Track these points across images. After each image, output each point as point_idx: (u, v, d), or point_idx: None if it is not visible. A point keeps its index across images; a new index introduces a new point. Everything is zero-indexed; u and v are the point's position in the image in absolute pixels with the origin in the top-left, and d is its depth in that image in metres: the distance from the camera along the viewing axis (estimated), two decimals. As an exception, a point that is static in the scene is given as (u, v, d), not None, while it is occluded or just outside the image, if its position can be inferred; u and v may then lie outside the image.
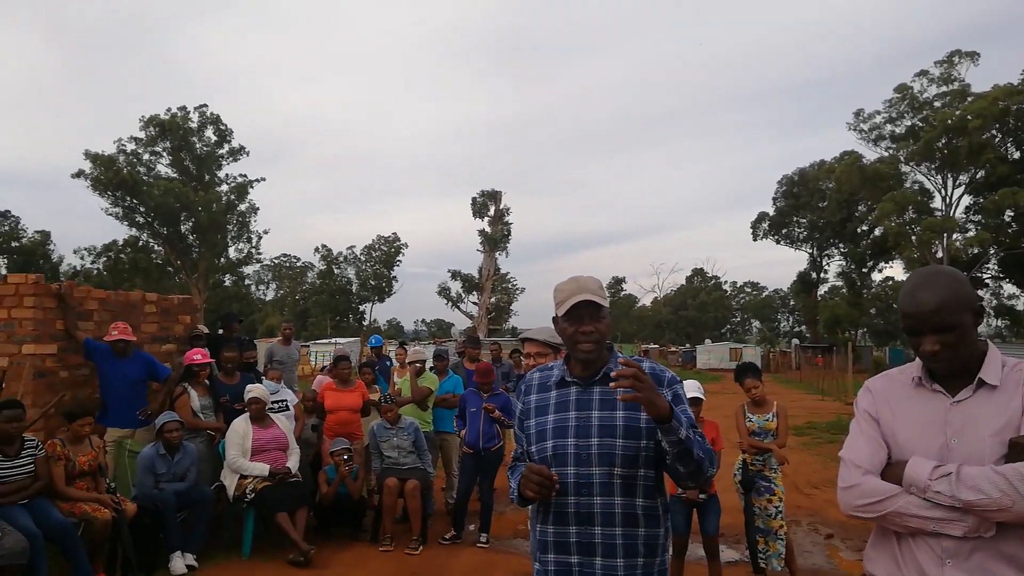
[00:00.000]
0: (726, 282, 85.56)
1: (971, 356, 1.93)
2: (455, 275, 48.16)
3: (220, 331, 8.73)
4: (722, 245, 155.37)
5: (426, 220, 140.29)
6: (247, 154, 47.91)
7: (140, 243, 46.14)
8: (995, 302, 48.48)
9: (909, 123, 43.92)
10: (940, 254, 41.20)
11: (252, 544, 6.22)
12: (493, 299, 48.34)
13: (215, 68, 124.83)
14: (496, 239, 46.46)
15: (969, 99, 40.18)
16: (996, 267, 43.20)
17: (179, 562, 5.64)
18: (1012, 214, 39.88)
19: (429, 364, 8.24)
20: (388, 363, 10.23)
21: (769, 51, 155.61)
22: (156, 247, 46.79)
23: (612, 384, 2.02)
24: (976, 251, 40.47)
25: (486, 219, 47.21)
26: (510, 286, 54.41)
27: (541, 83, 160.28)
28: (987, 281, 46.19)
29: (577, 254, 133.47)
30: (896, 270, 57.07)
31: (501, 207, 47.24)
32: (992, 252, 40.84)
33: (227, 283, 55.07)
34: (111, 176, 40.87)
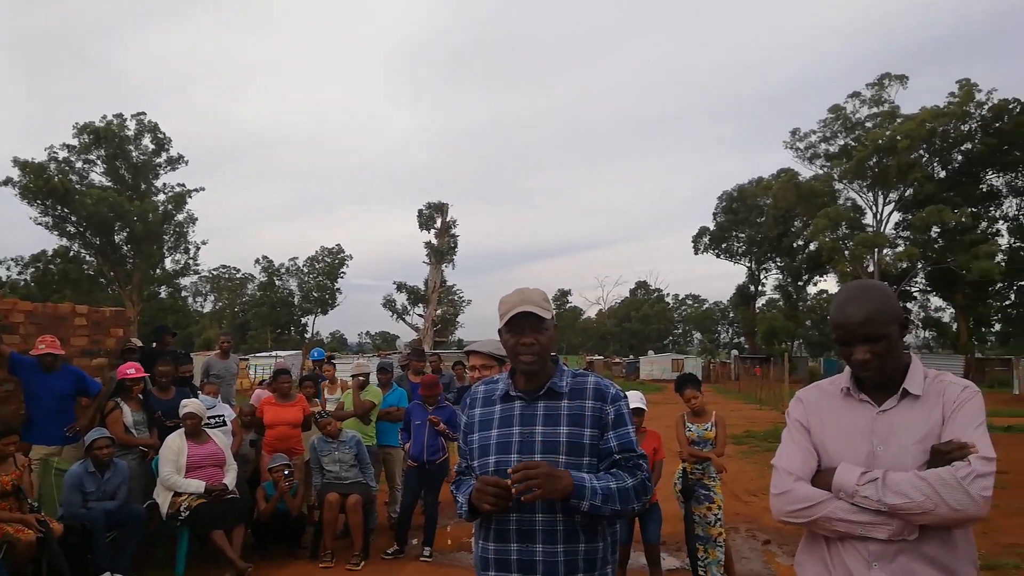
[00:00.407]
0: (668, 295, 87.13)
1: (897, 366, 2.02)
2: (400, 287, 47.83)
3: (153, 344, 8.47)
4: (665, 258, 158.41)
5: (371, 231, 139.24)
6: (186, 163, 46.96)
7: (71, 253, 44.56)
8: (923, 314, 50.56)
9: (842, 142, 45.68)
10: (871, 268, 42.77)
11: (186, 563, 6.02)
12: (439, 311, 48.15)
13: (155, 75, 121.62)
14: (442, 251, 46.35)
15: (898, 120, 42.02)
16: (924, 281, 45.05)
17: (108, 584, 5.42)
18: (938, 231, 41.79)
19: (374, 378, 8.14)
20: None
21: (712, 71, 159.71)
22: (88, 258, 45.27)
23: (513, 490, 2.03)
24: (905, 265, 42.22)
25: (432, 231, 47.07)
26: (456, 298, 54.31)
27: (492, 95, 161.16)
28: (915, 294, 48.16)
29: (525, 266, 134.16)
30: (830, 283, 58.95)
31: (448, 219, 47.17)
32: (920, 267, 42.61)
33: (163, 295, 53.52)
34: (41, 184, 39.38)
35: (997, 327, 48.33)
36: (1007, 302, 45.99)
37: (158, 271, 46.99)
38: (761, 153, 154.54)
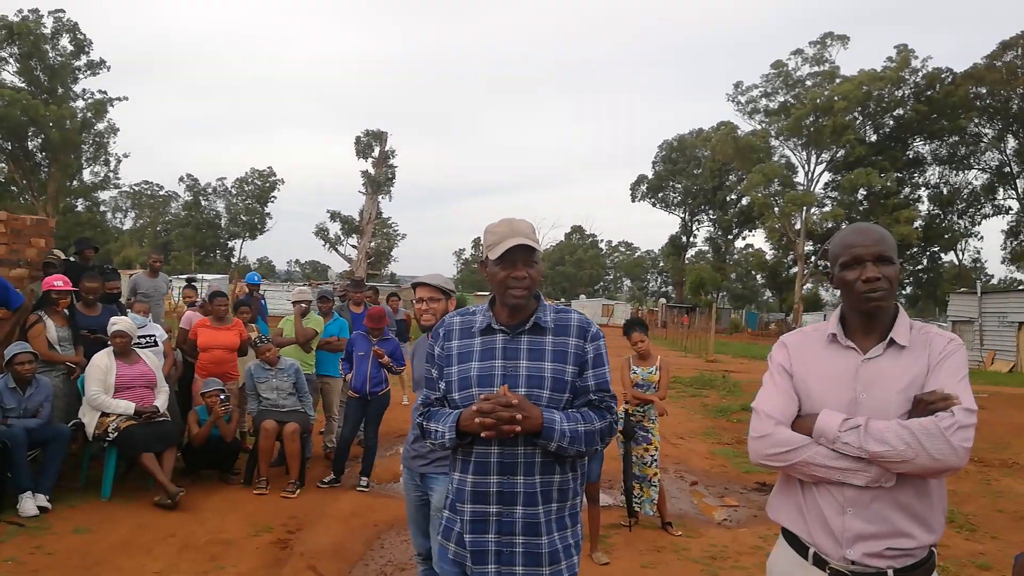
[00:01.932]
0: (602, 240, 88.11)
1: (891, 307, 2.02)
2: (334, 216, 46.61)
3: (73, 258, 8.01)
4: (602, 204, 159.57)
5: (305, 156, 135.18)
6: (108, 68, 44.15)
7: (-22, 157, 41.66)
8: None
9: (782, 99, 46.36)
10: (799, 226, 44.12)
11: (113, 485, 5.82)
12: (373, 243, 47.30)
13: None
14: (380, 181, 45.25)
15: (837, 81, 42.81)
16: (846, 242, 46.82)
17: (29, 503, 5.19)
18: (864, 193, 43.27)
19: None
20: (264, 302, 9.78)
21: (663, 15, 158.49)
22: (-1, 163, 42.39)
23: (478, 421, 2.04)
24: (830, 225, 43.68)
25: (370, 160, 45.81)
26: (391, 231, 53.44)
27: (448, 24, 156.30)
28: (833, 248, 50.11)
29: (461, 203, 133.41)
30: (758, 239, 60.69)
31: (386, 149, 45.96)
32: (844, 227, 44.14)
33: (80, 208, 50.82)
34: (-55, 79, 36.41)
35: (908, 290, 50.93)
36: (919, 267, 48.41)
37: (75, 183, 44.56)
38: (707, 103, 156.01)
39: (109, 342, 6.05)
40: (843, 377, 2.01)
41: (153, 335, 6.79)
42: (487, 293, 2.45)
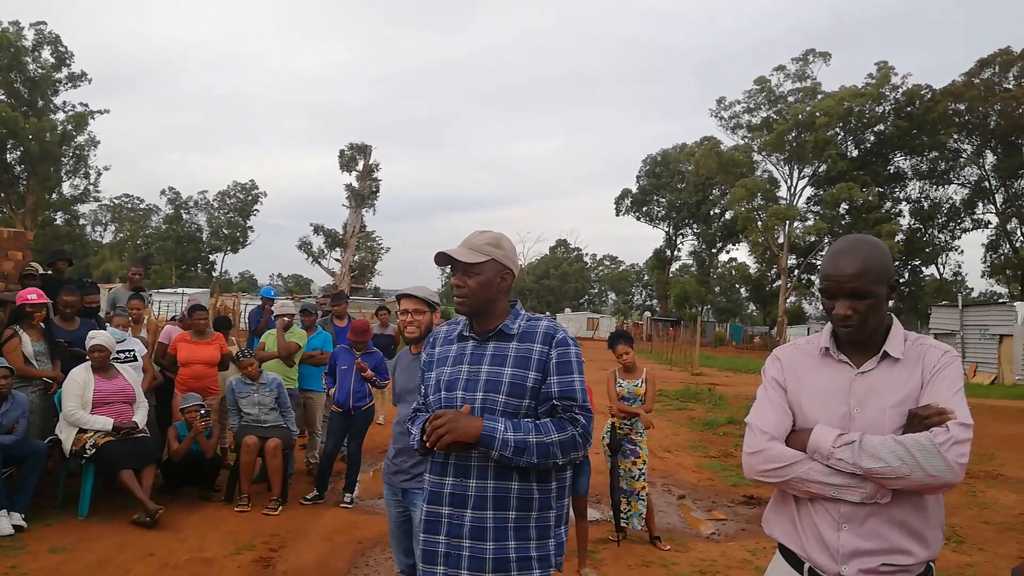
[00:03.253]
0: (587, 254, 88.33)
1: (878, 327, 1.99)
2: (317, 229, 46.37)
3: (47, 271, 7.88)
4: (586, 218, 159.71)
5: (287, 169, 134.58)
6: (88, 81, 43.79)
7: (-44, 170, 41.16)
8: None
9: (765, 114, 46.81)
10: (781, 239, 44.44)
11: (91, 503, 5.69)
12: (357, 257, 47.08)
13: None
14: (363, 195, 45.10)
15: (819, 97, 43.33)
16: (828, 255, 47.24)
17: (5, 522, 5.05)
18: (846, 207, 43.69)
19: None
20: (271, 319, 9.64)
21: (652, 30, 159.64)
22: (-25, 176, 41.89)
23: (428, 442, 2.11)
24: (813, 239, 44.04)
25: (354, 173, 45.68)
26: (375, 244, 53.27)
27: (433, 38, 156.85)
28: (819, 267, 50.53)
29: (447, 216, 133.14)
30: (741, 252, 60.97)
31: (371, 162, 45.86)
32: (826, 241, 44.54)
33: (59, 221, 50.29)
34: (-77, 91, 35.99)
35: (891, 303, 51.37)
36: (901, 280, 48.92)
37: (54, 196, 44.12)
38: (690, 119, 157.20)
39: (87, 356, 5.93)
40: (836, 392, 1.98)
41: (132, 350, 6.68)
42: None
